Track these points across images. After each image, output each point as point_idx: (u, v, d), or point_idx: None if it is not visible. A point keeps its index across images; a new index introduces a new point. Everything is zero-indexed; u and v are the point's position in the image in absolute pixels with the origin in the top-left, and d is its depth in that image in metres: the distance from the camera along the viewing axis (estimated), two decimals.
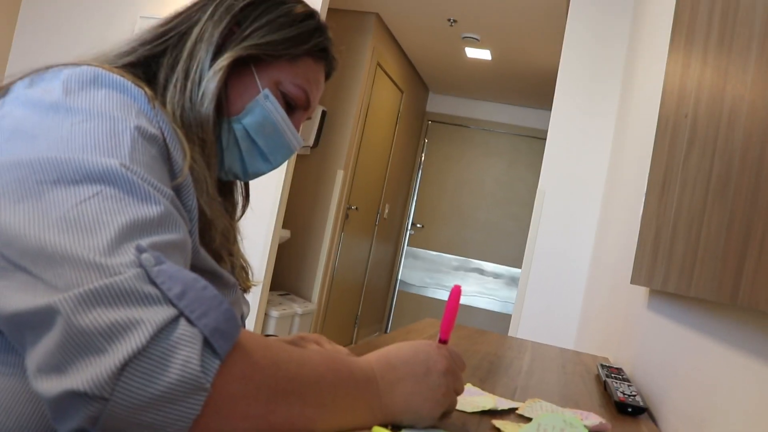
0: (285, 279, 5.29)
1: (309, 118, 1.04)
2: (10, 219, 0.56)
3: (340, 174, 5.25)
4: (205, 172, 0.82)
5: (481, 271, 7.57)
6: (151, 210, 0.61)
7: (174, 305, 0.52)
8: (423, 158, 7.82)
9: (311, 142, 5.04)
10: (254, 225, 4.21)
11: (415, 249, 7.78)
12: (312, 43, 0.96)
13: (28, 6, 4.33)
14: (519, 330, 3.78)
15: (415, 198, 7.83)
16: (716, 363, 0.90)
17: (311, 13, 0.97)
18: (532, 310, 3.84)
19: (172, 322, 0.51)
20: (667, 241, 1.18)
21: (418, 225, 7.78)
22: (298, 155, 4.95)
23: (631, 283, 1.54)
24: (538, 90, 6.53)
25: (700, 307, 1.06)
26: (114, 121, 0.66)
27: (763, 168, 0.69)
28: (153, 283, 0.53)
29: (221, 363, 0.53)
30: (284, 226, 5.06)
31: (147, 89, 0.75)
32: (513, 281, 7.34)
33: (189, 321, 0.52)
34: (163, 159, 0.71)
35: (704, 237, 0.91)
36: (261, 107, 0.92)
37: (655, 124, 1.61)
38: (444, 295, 7.61)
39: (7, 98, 0.71)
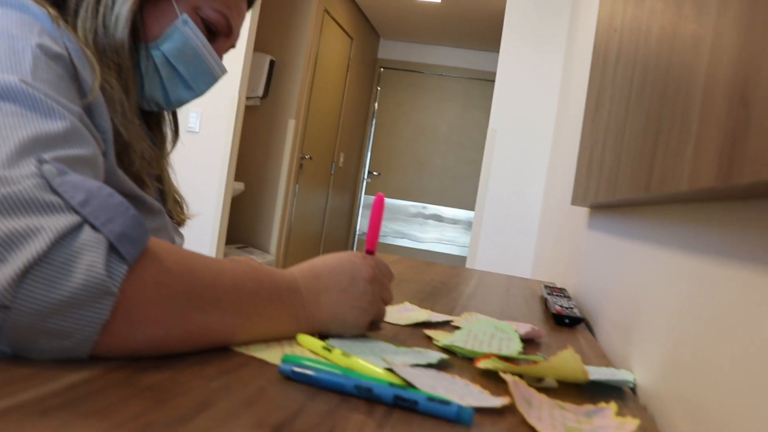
0: (242, 232, 5.27)
1: (233, 46, 1.02)
2: None
3: (291, 123, 5.20)
4: (122, 96, 0.80)
5: (439, 218, 7.62)
6: (55, 125, 0.60)
7: (77, 212, 0.52)
8: (377, 106, 7.78)
9: (260, 92, 4.98)
10: (206, 178, 4.17)
11: (372, 197, 7.79)
12: None
13: None
14: (474, 266, 3.82)
15: (370, 146, 7.81)
16: (641, 264, 0.93)
17: None
18: (487, 248, 3.88)
19: (76, 229, 0.51)
20: (599, 156, 1.20)
21: (375, 173, 7.77)
22: (247, 106, 4.90)
23: (571, 204, 1.56)
24: (489, 32, 6.51)
25: (626, 213, 1.08)
26: (13, 39, 0.65)
27: (671, 69, 0.71)
28: (55, 192, 0.52)
29: (130, 268, 0.52)
30: (237, 179, 5.02)
31: (51, 9, 0.73)
32: (470, 226, 7.42)
33: (94, 228, 0.52)
34: (70, 78, 0.70)
35: (626, 141, 0.93)
36: (180, 32, 0.90)
37: (593, 48, 1.63)
38: (404, 243, 7.66)
39: None
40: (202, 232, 4.14)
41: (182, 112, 4.39)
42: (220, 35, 0.96)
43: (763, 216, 0.51)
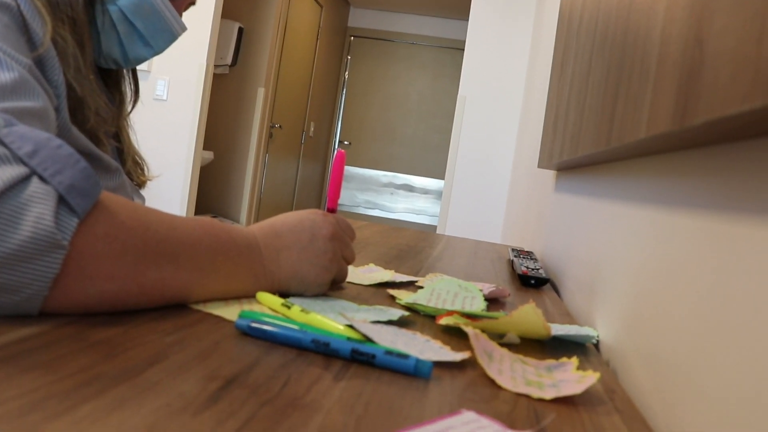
0: (212, 201, 5.23)
1: (193, 4, 1.00)
2: None
3: (260, 92, 5.15)
4: (75, 50, 0.78)
5: (410, 188, 7.63)
6: (3, 76, 0.58)
7: (25, 164, 0.50)
8: (347, 75, 7.72)
9: (229, 60, 4.91)
10: (174, 147, 4.12)
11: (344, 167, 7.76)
12: None
13: None
14: (445, 233, 3.83)
15: (340, 115, 7.77)
16: (604, 222, 0.93)
17: None
18: (457, 216, 3.89)
19: (23, 181, 0.49)
20: (563, 116, 1.20)
21: (345, 142, 7.74)
22: (215, 74, 4.83)
23: (537, 167, 1.56)
24: (460, 0, 6.47)
25: (590, 173, 1.08)
26: None
27: (631, 17, 0.71)
28: (2, 143, 0.51)
29: (80, 221, 0.51)
30: (206, 148, 4.97)
31: None
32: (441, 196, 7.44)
33: (42, 179, 0.50)
34: (19, 29, 0.68)
35: (589, 97, 0.93)
36: None
37: (559, 10, 1.62)
38: (375, 213, 7.66)
39: None
40: (170, 201, 4.10)
41: (150, 80, 4.33)
42: None
43: (719, 162, 0.51)
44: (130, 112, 1.04)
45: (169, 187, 4.06)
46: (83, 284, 0.52)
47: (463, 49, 4.10)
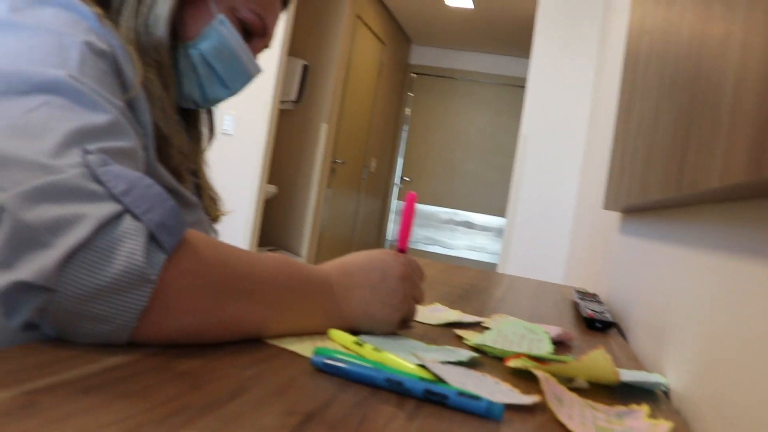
0: (274, 234, 5.31)
1: (267, 47, 1.04)
2: None
3: (324, 128, 5.24)
4: (161, 92, 0.82)
5: (470, 225, 7.61)
6: (100, 118, 0.62)
7: (119, 201, 0.54)
8: (409, 111, 7.79)
9: (293, 96, 5.02)
10: (240, 180, 4.21)
11: (403, 203, 7.78)
12: None
13: None
14: (506, 272, 3.80)
15: (402, 151, 7.82)
16: (673, 267, 0.92)
17: None
18: (518, 254, 3.87)
19: (117, 217, 0.52)
20: (630, 159, 1.20)
21: (406, 178, 7.78)
22: (280, 110, 4.94)
23: (603, 208, 1.56)
24: (521, 38, 6.49)
25: (658, 216, 1.08)
26: (61, 36, 0.67)
27: (701, 67, 0.71)
28: (98, 181, 0.54)
29: (168, 257, 0.54)
30: (270, 182, 5.06)
31: (97, 8, 0.76)
32: (502, 234, 7.39)
33: (134, 216, 0.54)
34: (114, 73, 0.72)
35: (657, 142, 0.93)
36: (216, 32, 0.92)
37: (624, 52, 1.63)
38: (435, 249, 7.65)
39: None
40: (234, 234, 4.18)
41: (217, 115, 4.43)
42: (256, 35, 0.98)
43: None
44: (206, 149, 1.08)
45: (234, 220, 4.14)
46: (167, 317, 0.55)
47: (524, 86, 4.11)
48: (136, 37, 0.84)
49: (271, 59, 4.23)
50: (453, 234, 7.67)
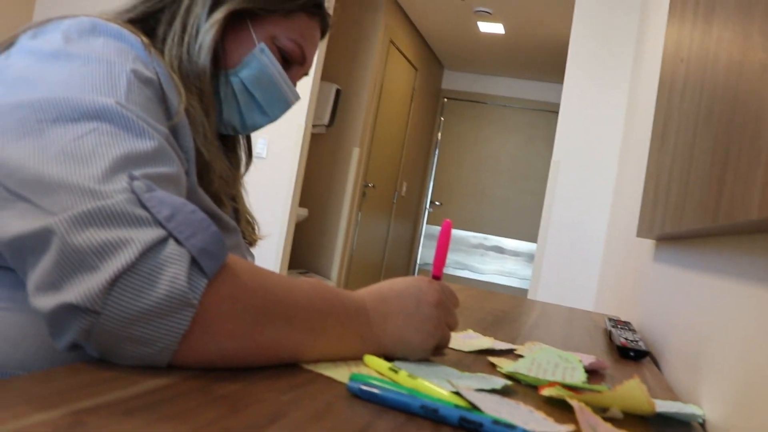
0: (304, 257, 5.34)
1: (306, 74, 1.06)
2: (12, 153, 0.59)
3: (355, 152, 5.27)
4: (203, 118, 0.84)
5: (500, 249, 7.58)
6: (145, 144, 0.64)
7: (163, 227, 0.55)
8: (440, 136, 7.81)
9: (326, 120, 5.06)
10: (271, 203, 4.24)
11: (434, 227, 7.79)
12: None
13: None
14: (536, 299, 3.78)
15: (432, 176, 7.84)
16: (709, 297, 0.91)
17: None
18: (549, 280, 3.84)
19: (161, 242, 0.54)
20: (665, 187, 1.19)
21: (437, 203, 7.79)
22: (313, 133, 4.98)
23: (637, 236, 1.55)
24: (553, 63, 6.49)
25: (693, 245, 1.07)
26: (111, 65, 0.69)
27: (739, 97, 0.71)
28: (144, 207, 0.56)
29: (209, 282, 0.55)
30: (302, 205, 5.10)
31: (143, 37, 0.78)
32: (532, 259, 7.35)
33: (177, 242, 0.55)
34: (159, 101, 0.74)
35: (693, 171, 0.92)
36: (257, 60, 0.94)
37: (659, 79, 1.62)
38: (465, 274, 7.62)
39: (12, 50, 0.74)
40: (265, 256, 4.21)
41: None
42: (295, 63, 1.00)
43: None
44: (244, 174, 1.10)
45: (264, 242, 4.14)
46: (207, 341, 0.56)
47: (556, 112, 4.11)
48: (180, 65, 0.87)
49: (304, 83, 4.28)
50: (483, 259, 7.65)
